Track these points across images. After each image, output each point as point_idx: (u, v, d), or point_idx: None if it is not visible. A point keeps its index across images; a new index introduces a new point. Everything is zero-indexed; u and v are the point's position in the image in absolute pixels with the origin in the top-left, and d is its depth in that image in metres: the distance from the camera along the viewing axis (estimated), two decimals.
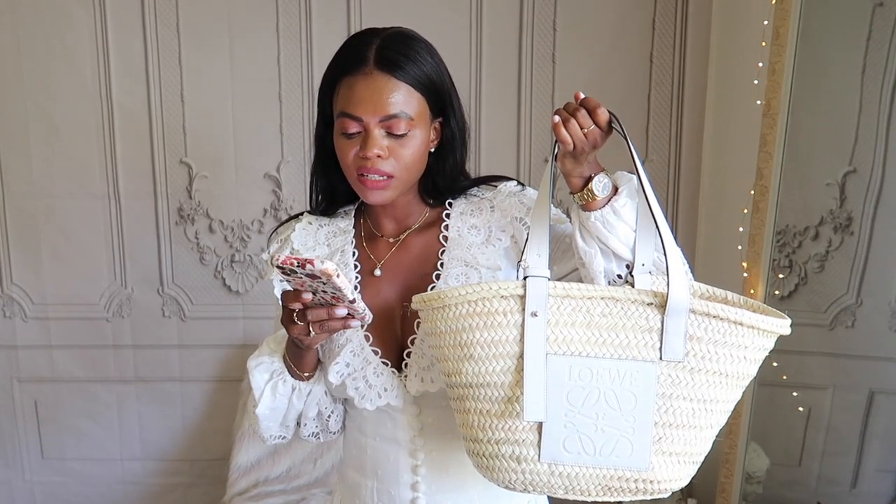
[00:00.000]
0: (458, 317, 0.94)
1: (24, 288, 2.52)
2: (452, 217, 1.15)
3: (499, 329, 0.93)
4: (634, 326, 0.92)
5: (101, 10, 2.33)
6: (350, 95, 1.04)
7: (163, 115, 2.41)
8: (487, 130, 2.41)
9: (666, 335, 0.91)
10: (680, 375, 0.92)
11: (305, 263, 0.89)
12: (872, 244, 1.92)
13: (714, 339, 0.91)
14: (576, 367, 0.92)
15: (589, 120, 0.96)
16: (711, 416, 0.95)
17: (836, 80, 1.96)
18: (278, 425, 1.16)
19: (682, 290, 0.90)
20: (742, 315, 0.91)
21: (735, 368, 0.93)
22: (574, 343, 0.92)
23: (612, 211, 1.00)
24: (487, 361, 0.94)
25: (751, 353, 0.93)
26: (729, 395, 0.95)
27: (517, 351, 0.93)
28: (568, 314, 0.92)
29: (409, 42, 1.07)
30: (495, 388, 0.94)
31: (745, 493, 2.16)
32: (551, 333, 0.92)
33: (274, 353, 1.13)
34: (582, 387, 0.92)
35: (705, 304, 0.91)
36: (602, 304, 0.92)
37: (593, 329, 0.92)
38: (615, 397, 0.93)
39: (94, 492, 2.67)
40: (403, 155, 1.06)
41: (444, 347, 0.96)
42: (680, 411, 0.93)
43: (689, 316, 0.91)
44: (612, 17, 2.35)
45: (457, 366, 0.95)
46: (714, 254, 2.37)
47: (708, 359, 0.92)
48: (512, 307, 0.92)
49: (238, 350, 2.53)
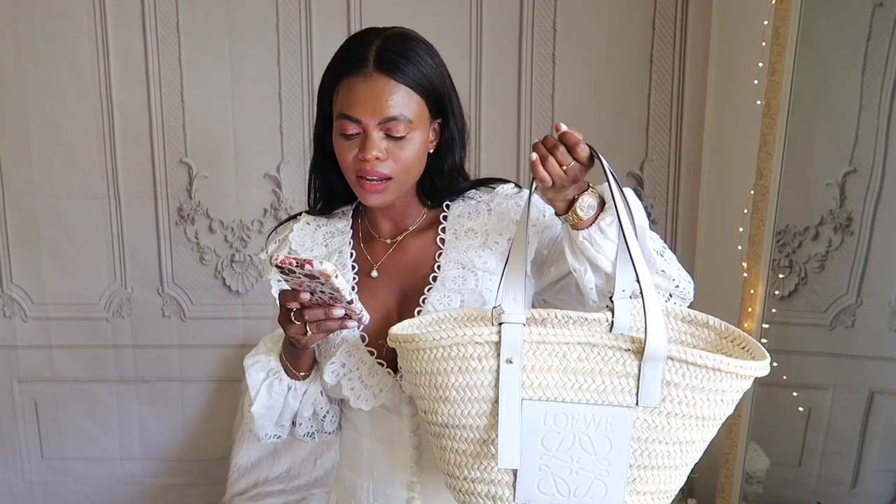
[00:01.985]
0: (432, 360, 0.93)
1: (24, 288, 2.52)
2: (450, 219, 1.15)
3: (474, 374, 0.92)
4: (611, 371, 0.91)
5: (101, 11, 2.33)
6: (349, 97, 1.04)
7: (163, 115, 2.41)
8: (487, 130, 2.41)
9: (643, 381, 0.90)
10: (656, 420, 0.91)
11: (304, 263, 0.89)
12: (872, 244, 1.92)
13: (692, 384, 0.90)
14: (551, 412, 0.92)
15: (568, 157, 0.94)
16: (687, 455, 0.94)
17: (836, 80, 1.96)
18: (273, 424, 1.16)
19: (659, 338, 0.89)
20: (720, 362, 0.89)
21: (712, 412, 0.92)
22: (550, 388, 0.91)
23: (598, 230, 1.00)
24: (463, 404, 0.93)
25: (728, 396, 0.92)
26: (704, 436, 0.94)
27: (492, 395, 0.92)
28: (544, 359, 0.91)
29: (410, 43, 1.07)
30: (471, 430, 0.94)
31: (745, 493, 2.16)
32: (527, 379, 0.91)
33: (270, 353, 1.13)
34: (557, 431, 0.92)
35: (683, 351, 0.89)
36: (579, 349, 0.91)
37: (569, 374, 0.91)
38: (590, 442, 0.92)
39: (94, 492, 2.67)
40: (402, 157, 1.06)
41: (420, 387, 0.96)
42: (655, 454, 0.93)
43: (666, 363, 0.90)
44: (612, 17, 2.34)
45: (433, 405, 0.95)
46: (714, 254, 2.37)
47: (685, 404, 0.91)
48: (487, 353, 0.91)
49: (238, 350, 2.53)
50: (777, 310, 2.00)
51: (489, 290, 1.09)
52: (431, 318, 1.05)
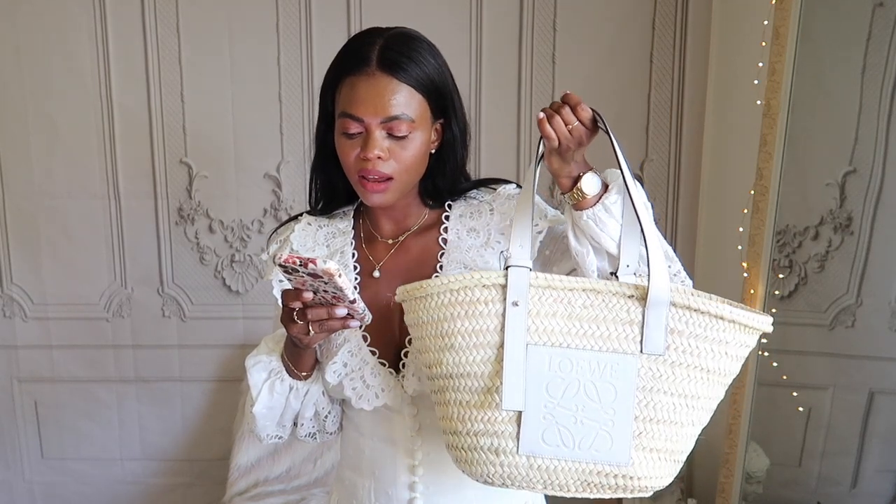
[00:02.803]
0: (439, 306, 0.94)
1: (24, 288, 2.52)
2: (451, 219, 1.15)
3: (480, 318, 0.93)
4: (615, 318, 0.92)
5: (101, 11, 2.33)
6: (352, 96, 1.04)
7: (163, 115, 2.41)
8: (487, 130, 2.40)
9: (647, 328, 0.91)
10: (661, 369, 0.92)
11: (308, 262, 0.89)
12: (872, 244, 1.92)
13: (695, 332, 0.92)
14: (556, 357, 0.92)
15: (572, 116, 0.96)
16: (693, 412, 0.94)
17: (836, 80, 1.96)
18: (275, 425, 1.16)
19: (662, 283, 0.91)
20: (723, 309, 0.91)
21: (716, 364, 0.93)
22: (555, 334, 0.93)
23: (603, 209, 1.00)
24: (468, 351, 0.94)
25: (732, 349, 0.93)
26: (711, 392, 0.95)
27: (498, 341, 0.93)
28: (549, 305, 0.93)
29: (413, 43, 1.07)
30: (475, 379, 0.95)
31: (745, 493, 2.16)
32: (532, 324, 0.93)
33: (272, 353, 1.13)
34: (562, 378, 0.93)
35: (686, 296, 0.91)
36: (584, 296, 0.93)
37: (574, 320, 0.92)
38: (595, 389, 0.93)
39: (94, 492, 2.67)
40: (404, 156, 1.06)
41: (426, 338, 0.96)
42: (661, 406, 0.93)
43: (670, 309, 0.91)
44: (612, 17, 2.34)
45: (437, 356, 0.96)
46: (714, 254, 2.37)
47: (689, 353, 0.92)
48: (493, 296, 0.93)
49: (238, 350, 2.53)
50: (777, 310, 2.01)
51: None
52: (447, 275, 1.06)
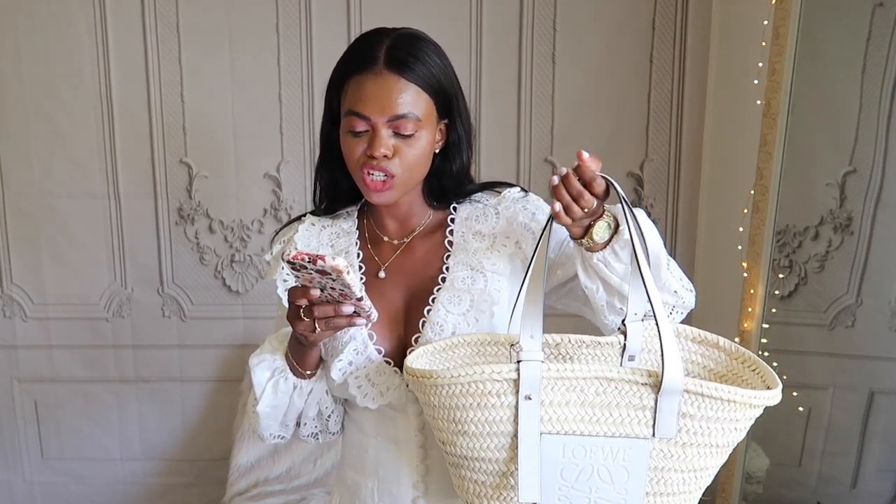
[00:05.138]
0: (450, 395, 0.94)
1: (24, 288, 2.52)
2: (457, 221, 1.16)
3: (492, 410, 0.93)
4: (628, 405, 0.92)
5: (101, 11, 2.33)
6: (359, 94, 1.05)
7: (163, 115, 2.40)
8: (487, 130, 2.40)
9: (659, 413, 0.92)
10: (672, 450, 0.93)
11: (317, 259, 0.89)
12: (872, 244, 1.92)
13: (706, 415, 0.92)
14: (570, 445, 0.93)
15: (591, 199, 0.93)
16: (700, 480, 0.97)
17: (836, 80, 1.96)
18: (278, 424, 1.16)
19: (676, 373, 0.91)
20: (734, 393, 0.91)
21: (725, 439, 0.94)
22: (568, 422, 0.93)
23: (612, 252, 1.00)
24: (482, 438, 0.94)
25: (741, 424, 0.94)
26: (718, 462, 0.96)
27: (511, 430, 0.93)
28: (562, 394, 0.92)
29: (419, 43, 1.07)
30: (490, 463, 0.95)
31: (745, 493, 2.16)
32: (545, 413, 0.93)
33: (276, 351, 1.13)
34: (575, 463, 0.93)
35: (699, 384, 0.91)
36: (596, 384, 0.92)
37: (587, 408, 0.92)
38: (608, 472, 0.94)
39: (94, 492, 2.67)
40: (409, 155, 1.06)
41: (439, 419, 0.97)
42: (671, 481, 0.95)
43: (682, 395, 0.91)
44: (612, 16, 2.34)
45: (451, 438, 0.96)
46: (714, 254, 2.37)
47: (700, 433, 0.93)
48: (505, 389, 0.92)
49: (238, 350, 2.53)
50: (777, 310, 2.01)
51: (498, 290, 1.09)
52: (445, 344, 1.05)
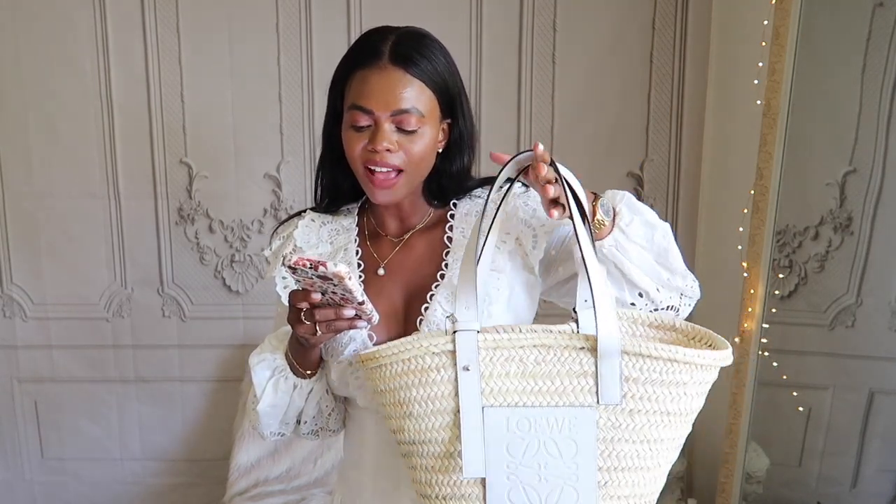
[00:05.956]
0: (394, 375, 0.94)
1: (24, 288, 2.52)
2: (457, 218, 1.15)
3: (433, 385, 0.93)
4: (569, 372, 0.90)
5: (101, 11, 2.33)
6: (363, 88, 1.05)
7: (163, 115, 2.40)
8: (487, 130, 2.40)
9: (601, 379, 0.89)
10: (620, 418, 0.90)
11: (318, 265, 0.89)
12: (872, 244, 1.92)
13: (650, 378, 0.89)
14: (513, 417, 0.91)
15: None
16: (658, 455, 0.93)
17: (836, 80, 1.96)
18: (279, 422, 1.16)
19: (611, 333, 0.89)
20: (676, 352, 0.88)
21: (677, 406, 0.91)
22: (509, 394, 0.91)
23: (621, 232, 1.00)
24: (426, 418, 0.94)
25: (691, 389, 0.91)
26: (675, 433, 0.93)
27: (454, 406, 0.93)
28: (501, 365, 0.91)
29: (425, 41, 1.08)
30: (436, 444, 0.94)
31: (745, 493, 2.16)
32: (486, 386, 0.91)
33: (276, 350, 1.13)
34: (521, 437, 0.91)
35: (637, 344, 0.89)
36: (535, 352, 0.91)
37: (528, 378, 0.91)
38: (556, 445, 0.91)
39: (94, 492, 2.67)
40: (412, 150, 1.06)
41: (387, 406, 0.97)
42: (624, 454, 0.92)
43: (622, 357, 0.89)
44: (611, 17, 2.34)
45: (399, 423, 0.96)
46: (714, 254, 2.37)
47: (647, 399, 0.90)
48: (444, 362, 0.92)
49: (238, 350, 2.53)
50: (777, 310, 2.01)
51: (497, 289, 1.09)
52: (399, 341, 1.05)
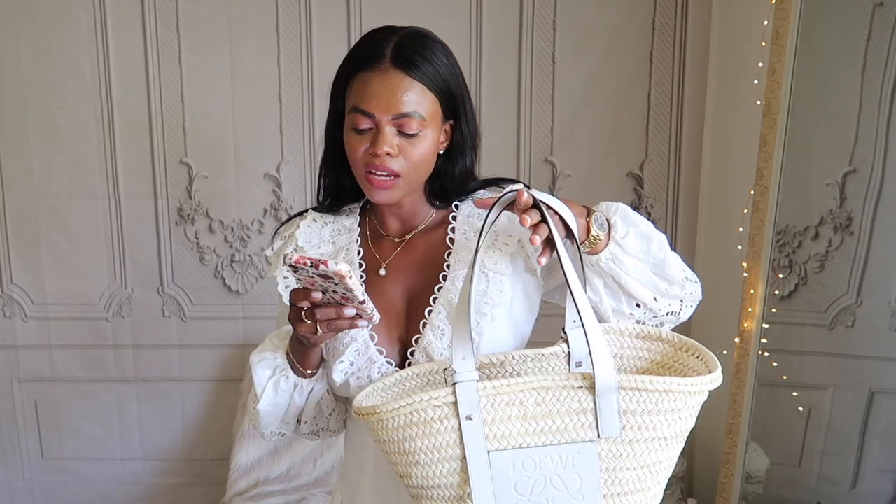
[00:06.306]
0: (396, 427, 0.95)
1: (24, 288, 2.52)
2: (459, 219, 1.15)
3: (438, 435, 0.94)
4: (569, 410, 0.93)
5: (101, 10, 2.33)
6: (364, 91, 1.04)
7: (163, 115, 2.40)
8: (487, 130, 2.38)
9: (600, 414, 0.92)
10: (620, 449, 0.94)
11: (319, 264, 0.89)
12: (872, 244, 1.92)
13: (647, 409, 0.92)
14: (518, 459, 0.94)
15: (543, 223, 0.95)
16: (657, 475, 0.97)
17: (836, 80, 1.96)
18: (279, 422, 1.16)
19: (607, 371, 0.91)
20: (670, 383, 0.91)
21: (672, 430, 0.94)
22: (513, 437, 0.94)
23: (616, 245, 1.01)
24: (433, 465, 0.95)
25: (685, 413, 0.94)
26: (671, 453, 0.96)
27: (460, 453, 0.94)
28: (502, 409, 0.93)
29: (427, 42, 1.07)
30: (446, 489, 0.96)
31: (745, 493, 2.16)
32: (489, 431, 0.93)
33: (277, 349, 1.13)
34: (527, 476, 0.94)
35: (633, 379, 0.91)
36: (534, 395, 0.93)
37: (529, 420, 0.93)
38: (561, 480, 0.94)
39: (94, 492, 2.67)
40: (413, 154, 1.06)
41: (391, 454, 0.98)
42: (626, 480, 0.95)
43: (619, 393, 0.91)
44: (612, 16, 2.34)
45: (406, 470, 0.97)
46: (714, 254, 2.37)
47: (645, 428, 0.93)
48: (446, 413, 0.93)
49: (238, 350, 2.53)
50: (777, 310, 2.01)
51: (500, 291, 1.09)
52: (393, 380, 1.06)
